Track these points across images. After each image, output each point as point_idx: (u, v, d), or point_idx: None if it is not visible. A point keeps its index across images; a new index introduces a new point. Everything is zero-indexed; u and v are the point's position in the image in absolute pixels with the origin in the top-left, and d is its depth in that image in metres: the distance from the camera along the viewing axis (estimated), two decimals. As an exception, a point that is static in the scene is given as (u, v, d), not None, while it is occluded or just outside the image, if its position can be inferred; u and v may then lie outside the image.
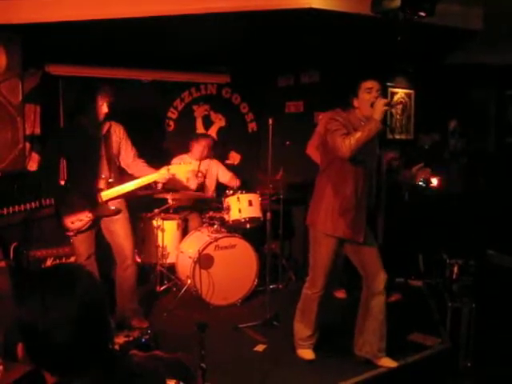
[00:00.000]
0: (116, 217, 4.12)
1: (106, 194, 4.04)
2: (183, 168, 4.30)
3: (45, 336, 1.19)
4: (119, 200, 4.14)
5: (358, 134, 3.32)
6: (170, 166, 4.23)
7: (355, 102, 3.53)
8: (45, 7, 3.81)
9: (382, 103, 3.31)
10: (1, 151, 3.51)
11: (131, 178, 4.22)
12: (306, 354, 3.84)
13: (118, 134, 4.19)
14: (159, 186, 4.50)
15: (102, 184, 4.06)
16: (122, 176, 4.26)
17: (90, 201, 4.01)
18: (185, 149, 5.71)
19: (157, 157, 4.55)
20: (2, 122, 3.45)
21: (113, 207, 4.08)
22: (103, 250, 4.32)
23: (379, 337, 3.69)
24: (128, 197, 4.22)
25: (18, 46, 3.49)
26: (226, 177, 5.83)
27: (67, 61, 5.26)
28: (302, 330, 3.84)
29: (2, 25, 3.75)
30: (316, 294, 3.73)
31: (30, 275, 1.33)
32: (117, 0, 3.85)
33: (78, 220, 3.98)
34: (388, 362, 3.70)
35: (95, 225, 4.10)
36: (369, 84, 3.46)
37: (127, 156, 4.25)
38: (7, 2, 3.79)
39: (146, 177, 4.17)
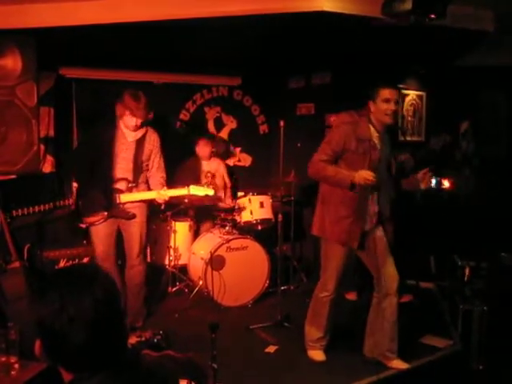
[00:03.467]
0: (133, 220, 4.19)
1: (125, 197, 4.11)
2: (202, 191, 4.31)
3: (61, 334, 1.21)
4: (139, 204, 4.20)
5: (330, 173, 3.48)
6: (191, 187, 4.24)
7: (372, 107, 3.52)
8: (60, 11, 3.86)
9: (365, 177, 3.34)
10: (16, 153, 3.55)
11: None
12: (317, 355, 3.86)
13: (151, 142, 4.24)
14: (162, 204, 4.49)
15: (123, 186, 4.12)
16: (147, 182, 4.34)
17: (108, 200, 4.07)
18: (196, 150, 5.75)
19: (168, 159, 4.57)
20: (18, 125, 3.50)
21: (131, 211, 4.15)
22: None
23: (390, 338, 3.68)
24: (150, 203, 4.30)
25: (33, 50, 3.54)
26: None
27: (80, 63, 5.32)
28: (313, 332, 3.85)
29: (18, 29, 3.80)
30: (327, 298, 3.74)
31: (48, 274, 1.36)
32: (130, 3, 3.88)
33: (93, 215, 4.05)
34: (399, 364, 3.70)
35: (111, 224, 4.17)
36: (387, 94, 3.45)
37: (152, 166, 4.29)
38: (22, 6, 3.84)
39: (145, 193, 4.20)
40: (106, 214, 4.08)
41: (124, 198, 4.11)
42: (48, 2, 3.87)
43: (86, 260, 4.52)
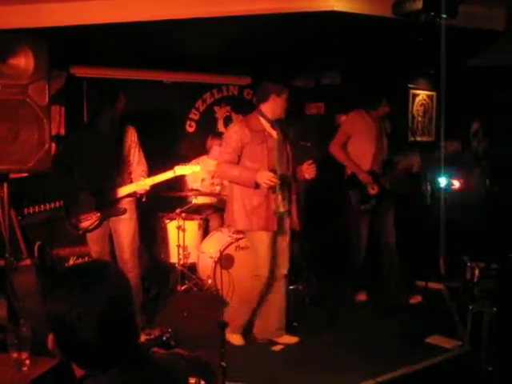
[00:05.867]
0: (122, 217, 4.16)
1: (114, 193, 4.11)
2: (188, 169, 4.33)
3: (72, 330, 1.23)
4: (128, 200, 4.18)
5: (235, 173, 3.81)
6: (176, 168, 4.25)
7: (271, 101, 3.84)
8: (71, 11, 3.89)
9: (267, 179, 3.65)
10: (27, 152, 3.56)
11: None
12: (237, 339, 4.04)
13: (131, 138, 4.25)
14: (142, 196, 4.44)
15: (111, 183, 4.13)
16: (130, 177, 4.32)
17: (99, 200, 4.08)
18: (205, 150, 5.76)
19: (177, 157, 4.60)
20: (30, 123, 3.51)
21: (123, 206, 4.15)
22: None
23: (280, 318, 4.02)
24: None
25: (45, 49, 3.55)
26: None
27: (91, 62, 5.35)
28: (241, 316, 4.05)
29: (30, 28, 3.84)
30: (261, 284, 3.91)
31: (60, 271, 1.37)
32: (141, 3, 3.91)
33: (86, 219, 4.07)
34: (289, 339, 4.03)
35: (105, 224, 4.16)
36: (287, 93, 3.85)
37: (133, 160, 4.28)
38: (34, 6, 3.88)
39: (127, 187, 4.16)
40: (99, 214, 4.08)
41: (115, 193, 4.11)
42: (59, 2, 3.90)
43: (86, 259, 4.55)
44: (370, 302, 5.01)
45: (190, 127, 6.36)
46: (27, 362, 2.40)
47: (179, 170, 4.25)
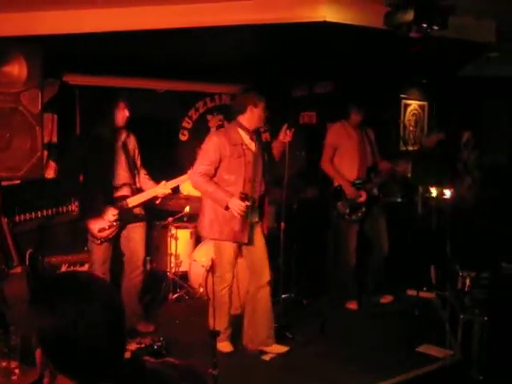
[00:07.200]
0: (137, 224, 4.21)
1: (132, 201, 4.14)
2: (179, 181, 4.37)
3: (63, 340, 1.22)
4: (139, 208, 4.24)
5: (209, 189, 3.83)
6: (168, 182, 4.28)
7: (248, 113, 3.92)
8: (65, 19, 3.90)
9: (238, 208, 3.74)
10: (20, 159, 3.58)
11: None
12: (225, 346, 4.01)
13: (133, 143, 4.30)
14: (159, 200, 4.48)
15: (126, 191, 4.15)
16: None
17: (118, 209, 4.09)
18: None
19: (170, 166, 4.60)
20: (22, 131, 3.53)
21: (140, 212, 4.19)
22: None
23: (269, 326, 4.02)
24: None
25: (38, 57, 3.57)
26: None
27: (84, 70, 5.35)
28: (218, 324, 3.98)
29: (23, 36, 3.84)
30: (225, 289, 4.03)
31: (49, 283, 1.36)
32: (135, 12, 3.92)
33: (105, 228, 4.07)
34: (279, 349, 4.00)
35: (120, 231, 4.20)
36: (263, 103, 3.98)
37: (139, 165, 4.38)
38: (28, 14, 3.88)
39: (149, 191, 4.23)
40: (118, 222, 4.10)
41: (132, 202, 4.15)
42: (53, 10, 3.91)
43: (87, 266, 4.53)
44: (361, 311, 5.01)
45: (183, 136, 6.37)
46: (16, 371, 2.39)
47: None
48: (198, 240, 5.48)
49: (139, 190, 4.27)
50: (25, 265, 4.08)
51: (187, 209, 5.27)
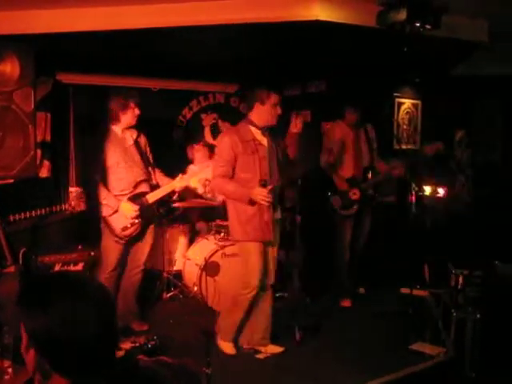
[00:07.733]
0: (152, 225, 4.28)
1: (152, 196, 4.16)
2: (195, 175, 4.44)
3: (61, 340, 1.23)
4: (162, 208, 4.37)
5: (230, 189, 3.79)
6: (185, 176, 4.34)
7: (258, 109, 3.85)
8: (59, 18, 3.89)
9: (261, 198, 3.64)
10: (13, 158, 3.57)
11: None
12: (228, 347, 4.01)
13: (144, 141, 4.35)
14: (176, 195, 4.57)
15: (145, 187, 4.17)
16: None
17: (138, 205, 4.10)
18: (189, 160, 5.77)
19: (165, 165, 4.59)
20: (15, 130, 3.51)
21: (161, 210, 4.26)
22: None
23: (266, 327, 4.01)
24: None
25: (31, 55, 3.55)
26: None
27: (77, 69, 5.33)
28: (231, 325, 4.01)
29: (16, 35, 3.83)
30: (250, 294, 3.90)
31: (40, 282, 1.36)
32: (129, 11, 3.92)
33: (127, 227, 4.08)
34: (274, 349, 4.01)
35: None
36: (276, 99, 3.86)
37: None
38: (21, 12, 3.87)
39: (167, 186, 4.28)
40: (140, 219, 4.11)
41: (151, 197, 4.17)
42: (46, 9, 3.90)
43: (80, 265, 4.52)
44: (355, 309, 5.03)
45: (177, 134, 6.35)
46: (9, 370, 2.38)
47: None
48: (191, 239, 5.48)
49: (156, 187, 4.28)
50: (18, 264, 4.07)
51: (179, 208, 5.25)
